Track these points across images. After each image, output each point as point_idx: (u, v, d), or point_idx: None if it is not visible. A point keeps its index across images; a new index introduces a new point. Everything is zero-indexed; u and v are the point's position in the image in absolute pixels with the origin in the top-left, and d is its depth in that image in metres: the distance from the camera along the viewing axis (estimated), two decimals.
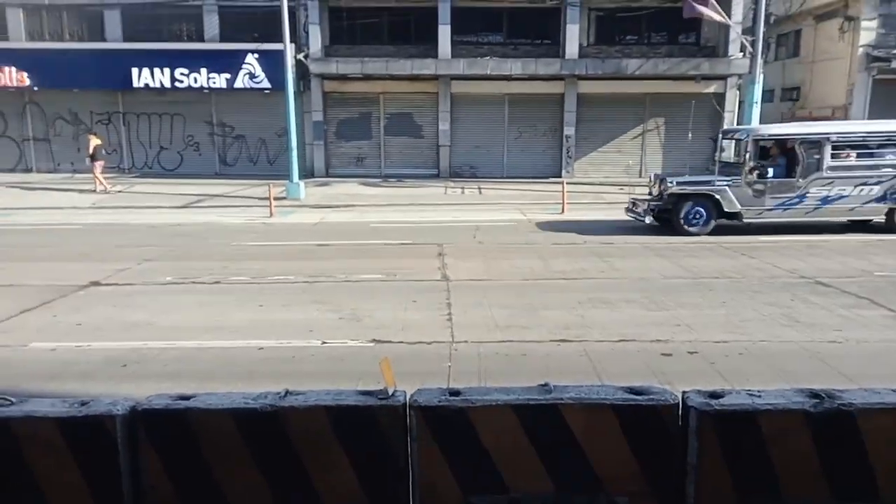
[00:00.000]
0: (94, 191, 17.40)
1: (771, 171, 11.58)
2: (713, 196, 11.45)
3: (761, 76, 16.84)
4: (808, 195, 11.35)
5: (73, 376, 5.20)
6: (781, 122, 25.04)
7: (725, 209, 11.46)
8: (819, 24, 22.68)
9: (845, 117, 21.42)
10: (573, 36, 19.42)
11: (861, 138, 11.66)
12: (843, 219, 11.89)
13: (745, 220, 11.61)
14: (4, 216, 14.43)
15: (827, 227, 12.01)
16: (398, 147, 21.08)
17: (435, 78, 19.93)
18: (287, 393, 2.60)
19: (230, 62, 19.62)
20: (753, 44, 16.61)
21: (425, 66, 19.36)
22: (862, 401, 2.54)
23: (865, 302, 7.13)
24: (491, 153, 20.93)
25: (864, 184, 11.33)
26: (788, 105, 25.03)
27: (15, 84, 19.93)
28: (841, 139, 11.40)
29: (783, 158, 11.69)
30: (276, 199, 14.98)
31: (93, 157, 17.51)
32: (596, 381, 4.88)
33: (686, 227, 11.52)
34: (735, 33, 18.40)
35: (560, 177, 19.46)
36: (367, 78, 19.86)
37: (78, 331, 6.36)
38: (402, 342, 5.93)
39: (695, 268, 8.94)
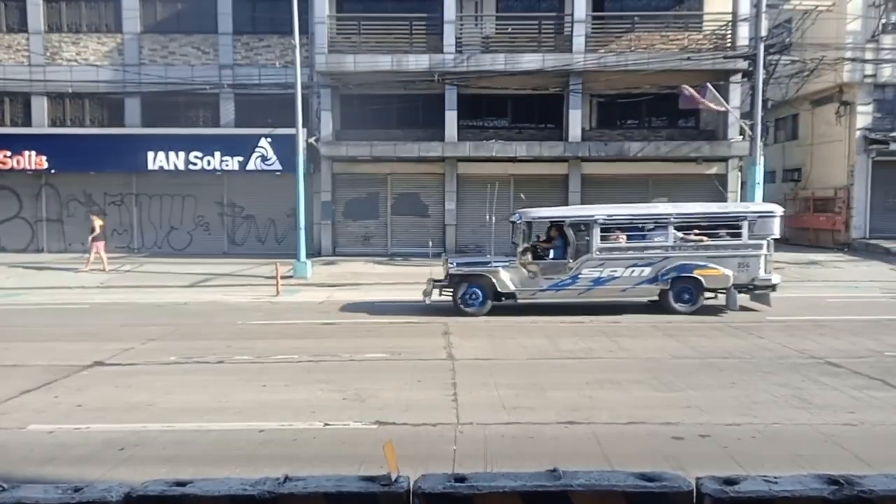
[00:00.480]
0: (104, 269, 17.56)
1: (552, 253, 11.89)
2: (488, 277, 11.53)
3: (762, 158, 17.19)
4: (580, 276, 11.48)
5: (69, 460, 5.09)
6: (784, 202, 25.42)
7: (499, 290, 11.53)
8: (816, 109, 23.32)
9: (848, 197, 21.70)
10: (576, 120, 19.99)
11: (628, 220, 11.90)
12: (618, 299, 11.88)
13: (519, 301, 11.70)
14: (12, 296, 14.53)
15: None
16: (404, 226, 21.34)
17: (442, 160, 20.41)
18: (286, 479, 2.52)
19: (244, 146, 20.20)
20: (752, 128, 17.04)
21: (432, 149, 19.87)
22: (883, 487, 2.45)
23: (878, 383, 6.98)
24: (497, 232, 21.12)
25: (636, 265, 11.45)
26: (791, 186, 25.41)
27: (33, 167, 20.49)
28: (608, 221, 11.58)
29: (561, 240, 11.93)
30: (282, 277, 15.07)
31: (95, 238, 17.81)
32: (605, 465, 4.73)
33: (463, 307, 11.55)
34: (734, 118, 18.91)
35: None
36: (376, 160, 20.36)
37: (78, 412, 6.26)
38: (406, 424, 5.80)
39: (703, 348, 8.83)
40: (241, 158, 20.19)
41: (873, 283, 15.65)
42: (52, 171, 20.68)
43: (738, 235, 11.54)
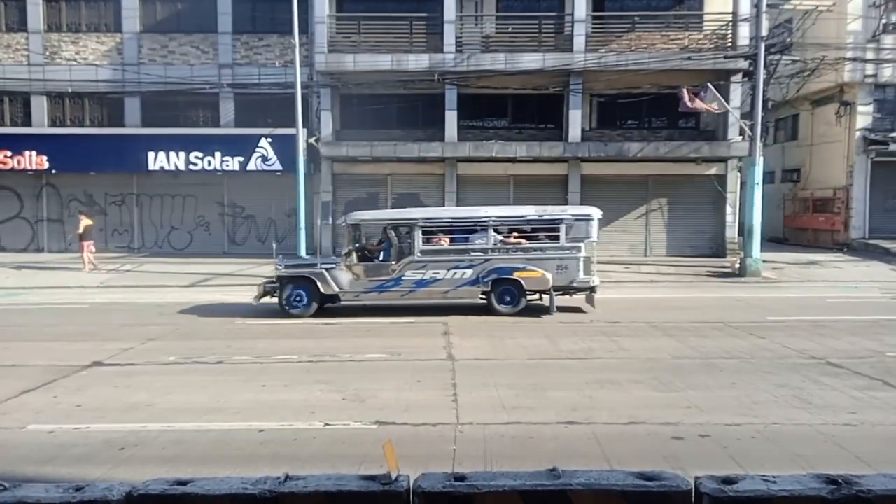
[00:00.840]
0: (99, 270, 17.55)
1: (381, 255, 12.08)
2: (312, 279, 11.59)
3: (761, 159, 17.18)
4: (403, 278, 11.59)
5: (69, 460, 5.09)
6: (783, 202, 25.45)
7: (323, 291, 11.58)
8: (816, 109, 23.33)
9: (847, 198, 21.71)
10: (576, 120, 19.99)
11: (448, 223, 12.07)
12: (443, 300, 11.97)
13: (343, 302, 11.90)
14: (13, 296, 14.53)
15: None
16: None
17: (442, 160, 20.41)
18: (287, 478, 2.53)
19: (244, 146, 20.20)
20: (752, 128, 17.04)
21: (432, 149, 19.87)
22: (881, 487, 2.45)
23: (878, 383, 6.99)
24: None
25: (457, 267, 11.57)
26: (790, 186, 25.41)
27: (34, 167, 20.49)
28: (428, 224, 11.75)
29: (388, 243, 12.15)
30: None
31: (82, 237, 17.83)
32: (605, 465, 4.74)
33: (288, 309, 11.60)
34: (734, 118, 18.91)
35: None
36: (376, 160, 20.36)
37: (77, 412, 6.27)
38: (405, 424, 5.81)
39: (703, 348, 8.83)
40: (241, 159, 20.20)
41: (873, 284, 15.66)
42: (53, 171, 20.69)
43: (556, 238, 11.67)
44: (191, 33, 20.78)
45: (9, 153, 20.33)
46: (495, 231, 11.75)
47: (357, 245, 12.30)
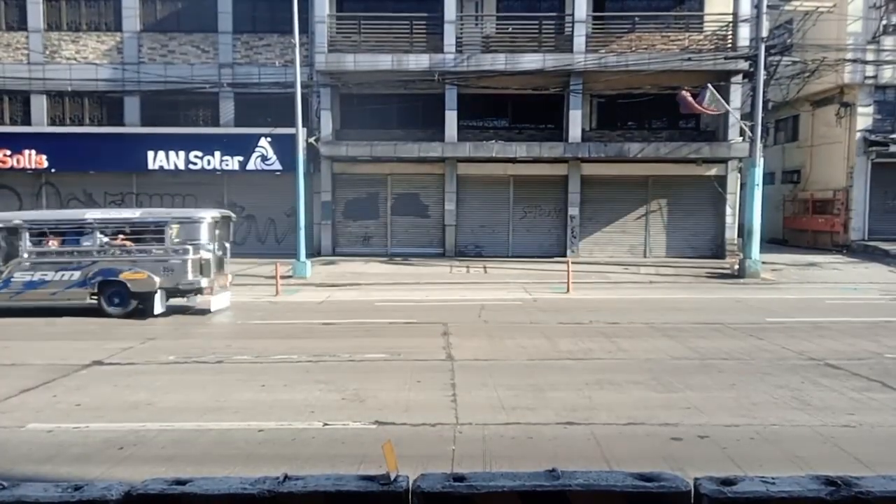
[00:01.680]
0: None
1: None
2: None
3: (761, 160, 17.18)
4: (12, 280, 11.78)
5: (69, 459, 5.09)
6: (784, 203, 25.46)
7: None
8: (816, 110, 23.33)
9: (847, 199, 21.71)
10: (576, 121, 19.98)
11: (54, 225, 12.23)
12: (52, 302, 11.99)
13: None
14: None
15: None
16: (404, 226, 21.35)
17: (441, 160, 20.41)
18: (286, 478, 2.53)
19: (243, 145, 20.20)
20: (752, 129, 17.04)
21: (432, 149, 19.87)
22: (880, 488, 2.45)
23: (877, 385, 6.99)
24: (496, 233, 21.15)
25: (66, 269, 11.76)
26: (790, 187, 25.42)
27: (33, 166, 20.48)
28: (34, 226, 11.91)
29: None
30: (282, 277, 15.08)
31: None
32: (604, 466, 4.74)
33: None
34: (734, 118, 18.91)
35: (565, 256, 19.56)
36: (376, 160, 20.36)
37: (77, 411, 6.26)
38: (405, 424, 5.81)
39: (702, 349, 8.83)
40: (241, 158, 20.19)
41: (872, 285, 15.67)
42: (52, 170, 20.67)
43: (162, 241, 11.80)
44: (191, 32, 20.77)
45: (8, 152, 20.31)
46: (104, 233, 11.91)
47: None
